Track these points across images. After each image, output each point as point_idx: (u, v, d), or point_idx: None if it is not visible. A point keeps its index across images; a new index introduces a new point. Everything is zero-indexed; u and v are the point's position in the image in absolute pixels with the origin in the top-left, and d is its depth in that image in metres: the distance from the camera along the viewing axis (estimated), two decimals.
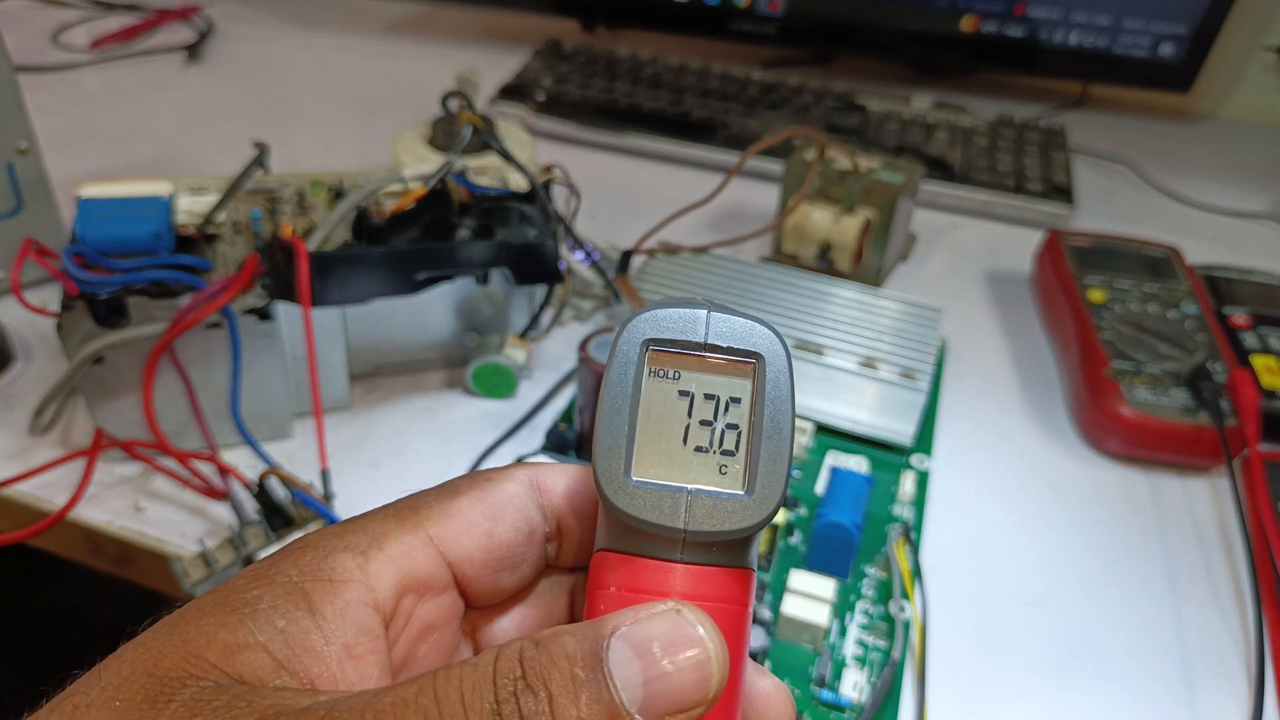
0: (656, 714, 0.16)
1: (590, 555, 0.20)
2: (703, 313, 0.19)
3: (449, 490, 0.21)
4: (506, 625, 0.23)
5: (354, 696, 0.16)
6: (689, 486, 0.19)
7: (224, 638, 0.17)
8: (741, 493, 0.19)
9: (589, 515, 0.22)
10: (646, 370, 0.19)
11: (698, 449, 0.19)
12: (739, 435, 0.19)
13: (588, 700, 0.16)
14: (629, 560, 0.19)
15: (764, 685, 0.21)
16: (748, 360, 0.19)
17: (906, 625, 0.40)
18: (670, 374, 0.19)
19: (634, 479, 0.19)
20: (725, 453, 0.19)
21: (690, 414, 0.19)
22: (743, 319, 0.19)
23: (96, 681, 0.17)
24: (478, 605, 0.22)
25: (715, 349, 0.19)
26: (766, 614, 0.39)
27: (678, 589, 0.18)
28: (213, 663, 0.17)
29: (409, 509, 0.21)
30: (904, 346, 0.50)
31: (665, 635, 0.17)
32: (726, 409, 0.19)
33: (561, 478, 0.22)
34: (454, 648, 0.22)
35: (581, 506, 0.22)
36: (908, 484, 0.46)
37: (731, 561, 0.19)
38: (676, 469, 0.19)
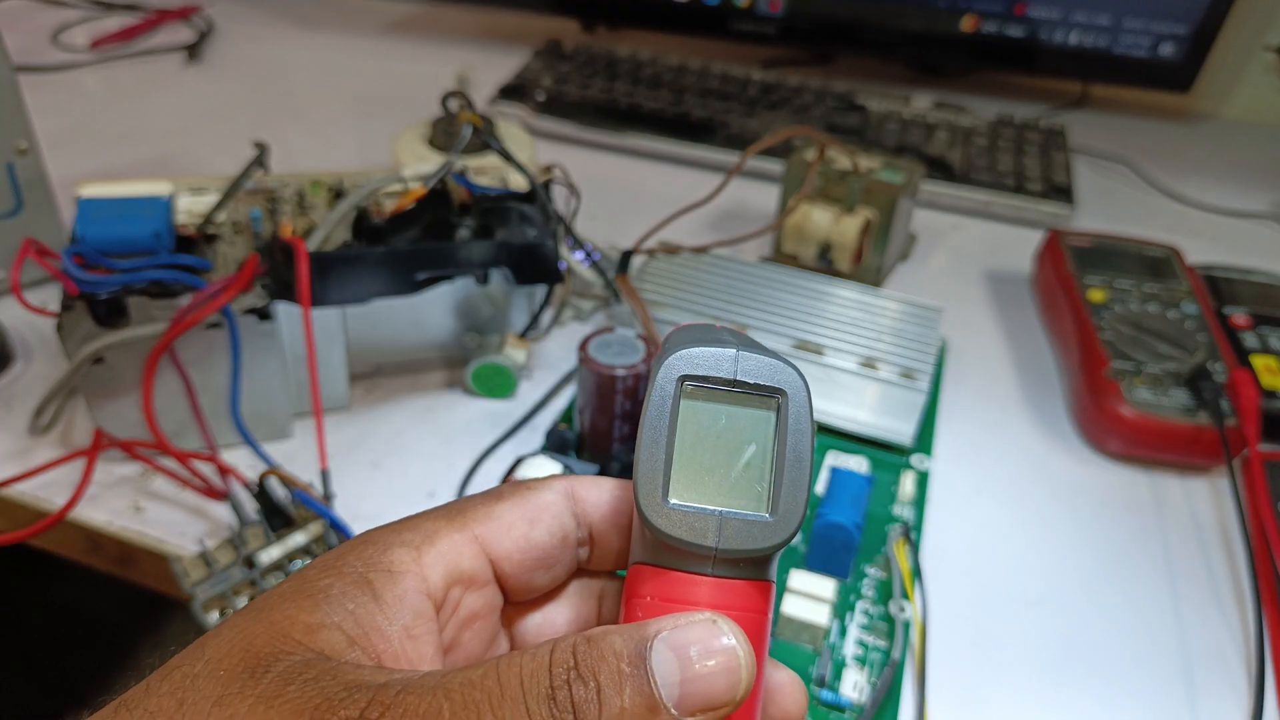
0: (690, 710, 0.18)
1: (621, 561, 0.23)
2: (732, 351, 0.21)
3: (492, 496, 0.24)
4: (540, 620, 0.25)
5: (425, 675, 0.18)
6: (720, 509, 0.20)
7: (304, 619, 0.19)
8: (767, 515, 0.20)
9: (619, 525, 0.24)
10: (682, 404, 0.21)
11: (727, 475, 0.21)
12: (764, 462, 0.21)
13: (631, 693, 0.18)
14: (663, 573, 0.21)
15: (780, 678, 0.23)
16: (772, 395, 0.21)
17: (906, 625, 0.40)
18: (704, 406, 0.21)
19: (671, 502, 0.20)
20: (752, 478, 0.21)
21: (720, 443, 0.21)
22: (768, 357, 0.21)
23: (200, 655, 0.19)
24: (514, 601, 0.24)
25: (743, 385, 0.21)
26: None
27: (707, 600, 0.20)
28: (297, 639, 0.19)
29: (456, 510, 0.23)
30: (904, 346, 0.50)
31: (702, 641, 0.18)
32: (753, 439, 0.21)
33: (594, 490, 0.24)
34: (494, 636, 0.24)
35: (611, 517, 0.24)
36: (908, 484, 0.46)
37: (755, 575, 0.21)
38: (708, 493, 0.21)
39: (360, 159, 0.74)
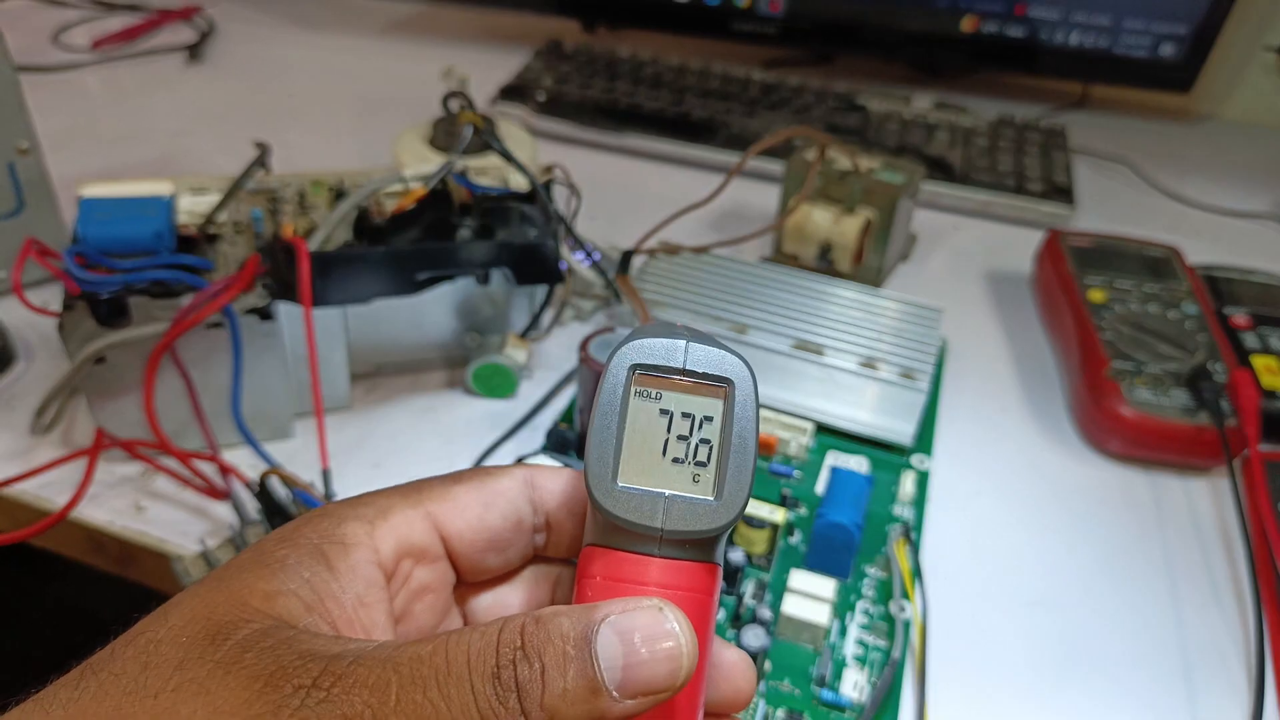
0: (631, 693, 0.18)
1: (576, 549, 0.24)
2: (682, 342, 0.22)
3: (452, 478, 0.25)
4: (491, 600, 0.26)
5: (378, 647, 0.19)
6: (666, 492, 0.21)
7: (263, 587, 0.20)
8: (711, 498, 0.21)
9: (576, 514, 0.25)
10: (633, 391, 0.22)
11: (675, 460, 0.22)
12: (711, 449, 0.22)
13: (574, 674, 0.18)
14: (612, 554, 0.22)
15: (730, 656, 0.24)
16: (720, 384, 0.22)
17: (907, 625, 0.40)
18: (653, 394, 0.22)
19: (619, 485, 0.21)
20: (698, 464, 0.22)
21: (669, 430, 0.22)
22: (717, 349, 0.22)
23: (164, 622, 0.20)
24: (468, 580, 0.25)
25: (692, 374, 0.22)
26: (767, 614, 0.39)
27: (653, 580, 0.21)
28: (256, 607, 0.20)
29: (414, 489, 0.24)
30: (904, 346, 0.50)
31: (646, 628, 0.19)
32: (701, 426, 0.22)
33: (554, 479, 0.25)
34: (446, 609, 0.25)
35: (570, 505, 0.25)
36: (908, 484, 0.46)
37: (701, 557, 0.22)
38: (656, 477, 0.22)
39: (361, 159, 0.74)
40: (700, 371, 0.22)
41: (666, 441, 0.22)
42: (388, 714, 0.17)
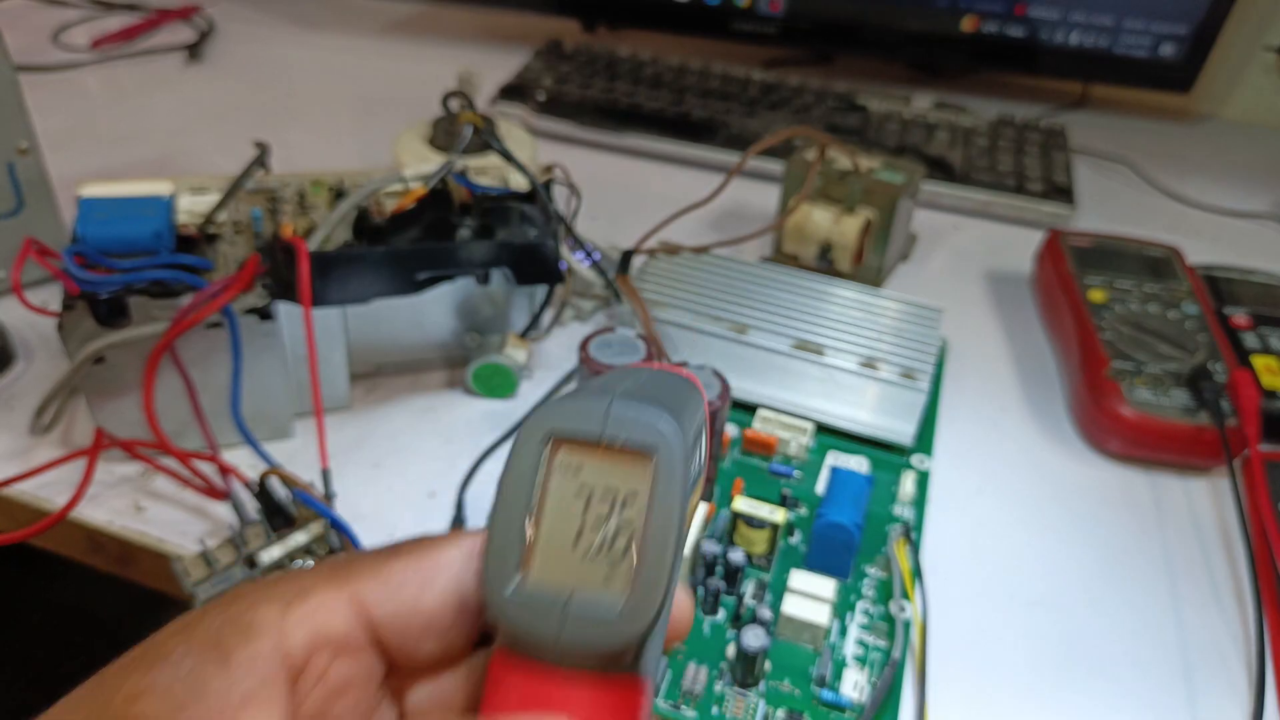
0: None
1: None
2: (604, 402, 0.18)
3: (389, 552, 0.22)
4: (431, 691, 0.22)
5: None
6: (570, 595, 0.18)
7: (130, 687, 0.18)
8: (620, 602, 0.18)
9: None
10: (543, 464, 0.19)
11: (587, 552, 0.18)
12: (630, 536, 0.18)
13: None
14: (518, 661, 0.19)
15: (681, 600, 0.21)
16: (642, 453, 0.18)
17: (907, 625, 0.40)
18: (571, 467, 0.19)
19: (516, 580, 0.18)
20: (613, 555, 0.18)
21: (586, 511, 0.18)
22: (648, 407, 0.18)
23: None
24: (403, 668, 0.22)
25: (613, 441, 0.18)
26: (767, 614, 0.39)
27: (556, 697, 0.18)
28: (115, 710, 0.18)
29: (343, 566, 0.21)
30: (904, 346, 0.50)
31: None
32: (622, 506, 0.18)
33: None
34: (373, 707, 0.22)
35: None
36: (908, 484, 0.46)
37: (616, 669, 0.18)
38: (563, 572, 0.18)
39: (361, 159, 0.74)
40: (622, 438, 0.18)
41: (580, 528, 0.18)
42: None
